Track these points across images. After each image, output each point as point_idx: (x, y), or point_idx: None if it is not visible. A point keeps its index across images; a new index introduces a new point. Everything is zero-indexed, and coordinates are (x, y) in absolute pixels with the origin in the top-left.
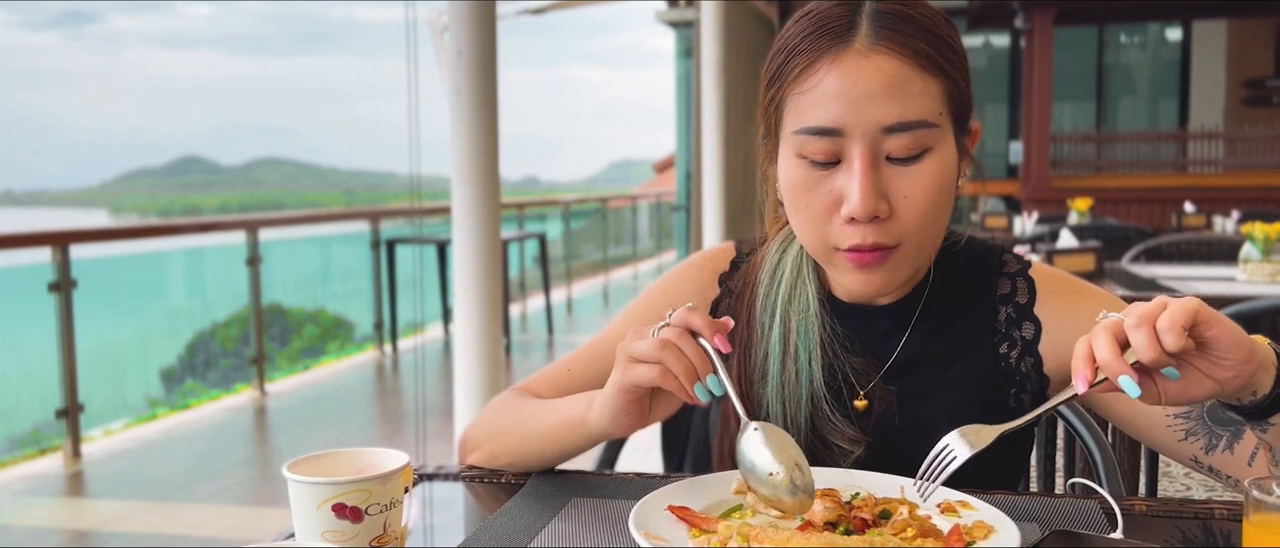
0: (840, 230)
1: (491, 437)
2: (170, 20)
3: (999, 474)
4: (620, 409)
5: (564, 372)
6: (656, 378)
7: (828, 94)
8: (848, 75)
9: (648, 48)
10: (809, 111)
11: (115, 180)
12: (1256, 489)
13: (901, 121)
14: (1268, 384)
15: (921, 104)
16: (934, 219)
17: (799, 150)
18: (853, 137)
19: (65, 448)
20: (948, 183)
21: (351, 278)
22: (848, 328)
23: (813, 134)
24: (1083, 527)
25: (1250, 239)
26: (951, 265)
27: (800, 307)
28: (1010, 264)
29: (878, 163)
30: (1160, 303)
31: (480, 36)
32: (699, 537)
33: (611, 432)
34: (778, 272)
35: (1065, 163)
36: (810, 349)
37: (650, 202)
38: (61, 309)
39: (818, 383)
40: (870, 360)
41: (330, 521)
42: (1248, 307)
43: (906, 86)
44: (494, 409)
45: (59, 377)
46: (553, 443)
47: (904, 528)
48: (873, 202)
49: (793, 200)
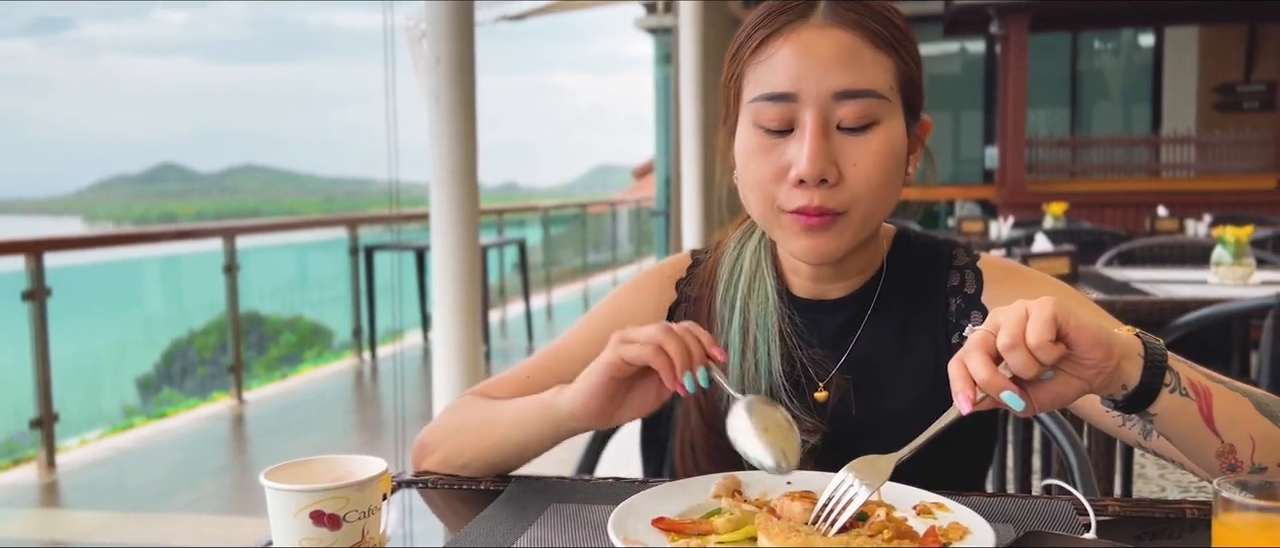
0: (788, 193)
1: (451, 436)
2: (146, 27)
3: (965, 472)
4: (597, 388)
5: (523, 377)
6: (649, 356)
7: (783, 62)
8: (803, 45)
9: (626, 54)
10: (765, 79)
11: (91, 188)
12: (1225, 489)
13: (852, 88)
14: (1135, 375)
15: (873, 74)
16: (881, 188)
17: (754, 118)
18: (805, 102)
19: (39, 458)
20: (897, 156)
21: (329, 285)
22: (805, 320)
23: (768, 100)
24: (1057, 527)
25: (1221, 242)
26: (904, 260)
27: (759, 299)
28: (960, 257)
29: (828, 130)
30: (1022, 315)
31: (458, 42)
32: (678, 541)
33: (579, 415)
34: (736, 266)
35: (1040, 167)
36: (769, 340)
37: (630, 207)
38: (35, 318)
39: (777, 373)
40: (828, 353)
41: (308, 528)
42: (1220, 310)
43: (859, 57)
44: (452, 411)
45: (33, 386)
46: (515, 433)
47: (880, 530)
48: (821, 164)
49: (745, 166)
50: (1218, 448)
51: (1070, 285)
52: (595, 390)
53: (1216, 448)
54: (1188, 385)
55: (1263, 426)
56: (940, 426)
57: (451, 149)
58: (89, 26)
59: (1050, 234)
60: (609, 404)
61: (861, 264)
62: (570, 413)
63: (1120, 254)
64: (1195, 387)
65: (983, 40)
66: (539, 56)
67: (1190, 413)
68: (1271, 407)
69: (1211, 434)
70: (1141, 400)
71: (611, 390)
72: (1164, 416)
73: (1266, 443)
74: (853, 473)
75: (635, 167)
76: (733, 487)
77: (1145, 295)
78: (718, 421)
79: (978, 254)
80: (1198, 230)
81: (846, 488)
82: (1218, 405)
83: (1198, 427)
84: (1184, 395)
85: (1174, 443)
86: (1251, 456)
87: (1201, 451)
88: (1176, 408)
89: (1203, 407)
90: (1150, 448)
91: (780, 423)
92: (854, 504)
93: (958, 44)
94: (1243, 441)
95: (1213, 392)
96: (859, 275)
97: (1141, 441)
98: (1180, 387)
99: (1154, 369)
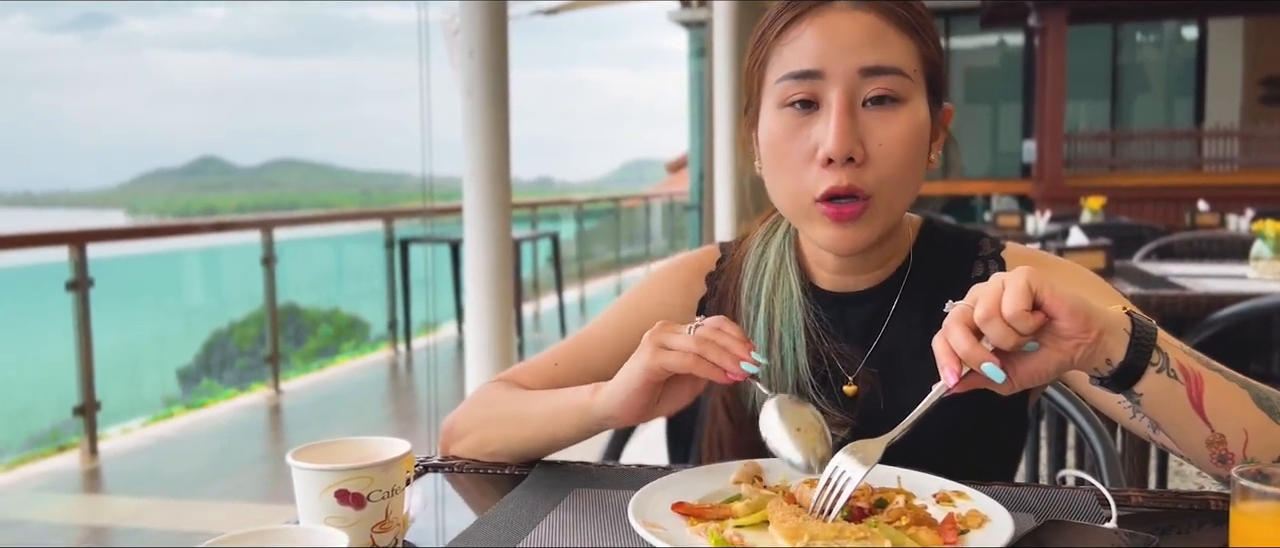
0: (817, 175)
1: (482, 424)
2: (186, 22)
3: (994, 464)
4: (636, 391)
5: (551, 365)
6: (691, 366)
7: (809, 42)
8: (828, 26)
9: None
10: (790, 60)
11: (133, 181)
12: (1243, 478)
13: (878, 65)
14: (1119, 351)
15: (898, 53)
16: (905, 172)
17: (780, 99)
18: (831, 79)
19: (82, 445)
20: (921, 137)
21: (366, 278)
22: (831, 315)
23: (794, 78)
24: (1078, 518)
25: (1261, 237)
26: (929, 251)
27: (784, 295)
28: (985, 247)
29: (854, 108)
30: (997, 287)
31: (492, 36)
32: (697, 526)
33: (617, 417)
34: (762, 262)
35: (1079, 161)
36: (795, 336)
37: (663, 201)
38: (78, 308)
39: (803, 369)
40: (854, 346)
41: (333, 506)
42: (1257, 304)
43: (884, 37)
44: (481, 398)
45: (76, 375)
46: (548, 428)
47: (898, 517)
48: (849, 142)
49: (772, 152)
50: (1208, 437)
51: (1104, 279)
52: (633, 395)
53: (1206, 436)
54: (1177, 368)
55: (1258, 418)
56: (928, 404)
57: (484, 143)
58: (131, 22)
59: (1088, 229)
60: (646, 406)
61: (887, 255)
62: (608, 415)
63: (1158, 249)
64: (1185, 370)
65: (1022, 33)
66: (575, 50)
67: (1178, 396)
68: (1272, 401)
69: (1201, 421)
70: (1126, 378)
71: (646, 393)
72: (1150, 396)
73: (1261, 436)
74: (846, 456)
75: (670, 161)
76: (754, 473)
77: (1182, 290)
78: (744, 419)
79: (1003, 244)
80: (1239, 225)
81: (840, 474)
82: (1209, 393)
83: (1186, 412)
84: (1172, 378)
85: (1162, 427)
86: (1244, 448)
87: (1190, 437)
88: (1163, 389)
89: (1192, 392)
90: (1159, 441)
91: (810, 421)
92: (848, 488)
93: (997, 37)
94: (1235, 432)
95: (1205, 378)
96: (885, 266)
97: (1151, 433)
98: (1169, 368)
99: (1140, 347)
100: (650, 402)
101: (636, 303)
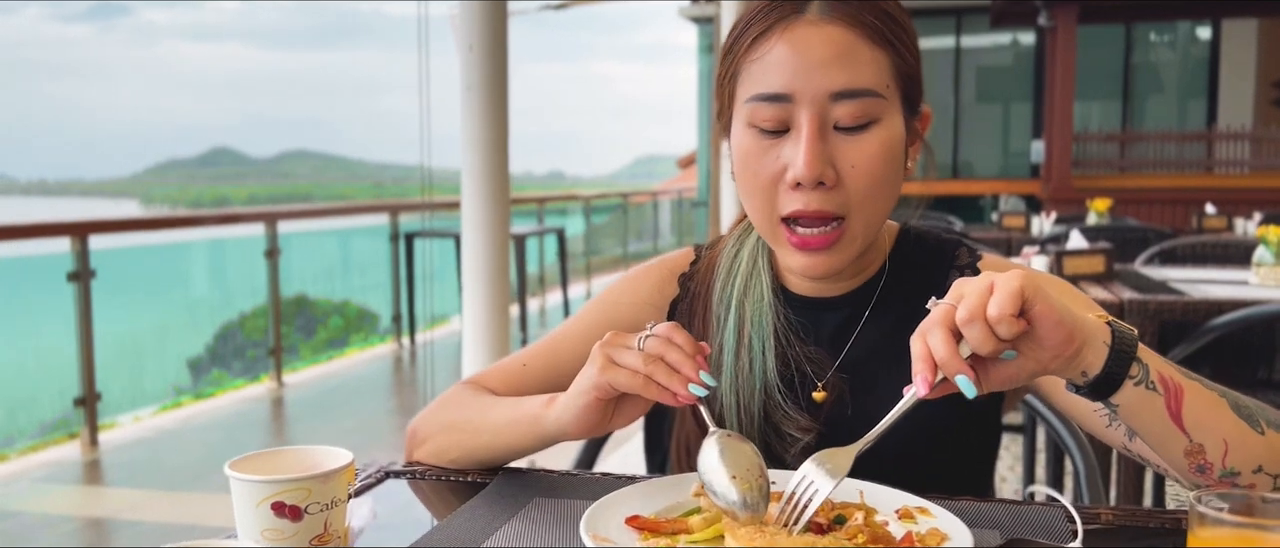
0: (786, 196)
1: (443, 430)
2: (200, 13)
3: (966, 470)
4: (586, 407)
5: (519, 366)
6: (639, 387)
7: (779, 60)
8: (798, 42)
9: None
10: (760, 79)
11: (147, 171)
12: (1199, 503)
13: (849, 88)
14: (1098, 363)
15: (869, 73)
16: (879, 191)
17: (749, 119)
18: (801, 103)
19: (82, 436)
20: (895, 156)
21: (374, 270)
22: (803, 319)
23: (763, 100)
24: (1044, 536)
25: (1264, 242)
26: (905, 259)
27: (755, 298)
28: (962, 257)
29: (825, 131)
30: (986, 287)
31: (491, 30)
32: (649, 539)
33: (570, 432)
34: (734, 264)
35: (1088, 162)
36: (764, 340)
37: (671, 198)
38: (80, 299)
39: (771, 373)
40: (825, 352)
41: (269, 519)
42: (1257, 311)
43: (855, 55)
44: (444, 403)
45: (77, 366)
46: (504, 438)
47: (856, 534)
48: (819, 166)
49: (742, 169)
50: (1186, 447)
51: (1096, 284)
52: (583, 411)
53: (1184, 447)
54: (1157, 380)
55: (1236, 428)
56: (898, 412)
57: (482, 137)
58: (146, 13)
59: (1092, 231)
60: (599, 420)
61: (862, 263)
62: (560, 429)
63: (1161, 252)
64: (1165, 382)
65: (1033, 32)
66: (588, 45)
67: (1156, 408)
68: (1251, 410)
69: (1178, 432)
70: (1104, 389)
71: (598, 408)
72: (1127, 407)
73: (1240, 447)
74: (814, 466)
75: (680, 156)
76: None
77: (1181, 295)
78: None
79: (980, 254)
80: (1247, 229)
81: (808, 484)
82: (1188, 404)
83: (1164, 423)
84: (1151, 389)
85: (1141, 437)
86: (1223, 458)
87: (1168, 448)
88: (1141, 401)
89: (1171, 403)
90: (1135, 450)
91: (751, 465)
92: (815, 500)
93: (1010, 36)
94: (1213, 442)
95: (1185, 389)
96: (860, 274)
97: (1126, 442)
98: (1148, 380)
99: (1119, 358)
100: (603, 417)
101: (609, 303)
